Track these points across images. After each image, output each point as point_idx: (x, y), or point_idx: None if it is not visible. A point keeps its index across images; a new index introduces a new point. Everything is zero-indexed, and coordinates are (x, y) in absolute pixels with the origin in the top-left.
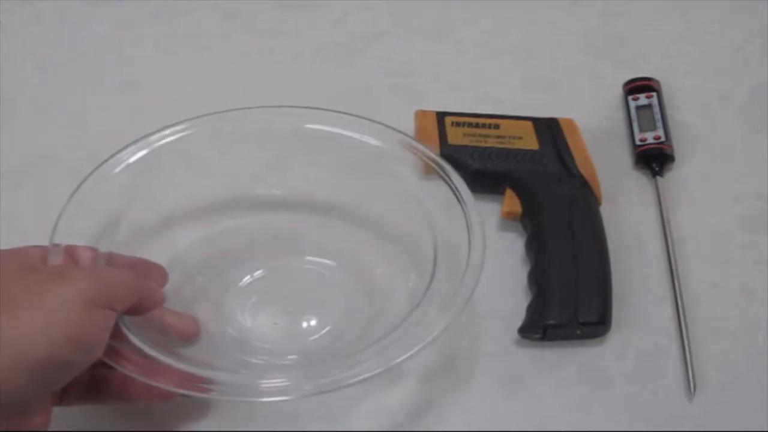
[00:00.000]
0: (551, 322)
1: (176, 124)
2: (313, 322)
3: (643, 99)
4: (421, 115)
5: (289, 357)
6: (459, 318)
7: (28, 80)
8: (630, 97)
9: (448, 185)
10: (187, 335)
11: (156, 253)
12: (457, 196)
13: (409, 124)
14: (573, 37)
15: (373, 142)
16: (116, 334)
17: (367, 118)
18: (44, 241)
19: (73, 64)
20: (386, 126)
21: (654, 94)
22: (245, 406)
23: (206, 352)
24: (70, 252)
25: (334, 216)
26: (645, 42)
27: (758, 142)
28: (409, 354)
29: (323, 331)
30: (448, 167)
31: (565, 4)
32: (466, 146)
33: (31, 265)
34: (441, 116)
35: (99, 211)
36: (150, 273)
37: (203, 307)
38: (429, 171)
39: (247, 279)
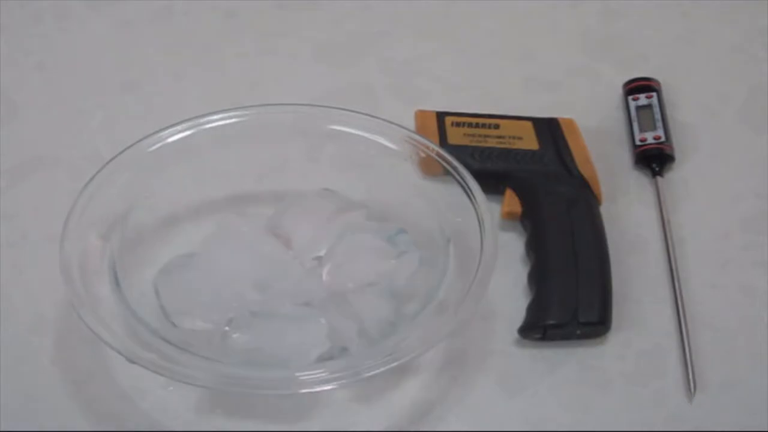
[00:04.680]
0: (551, 322)
1: (182, 122)
2: (321, 320)
3: (643, 99)
4: (421, 115)
5: None
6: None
7: (28, 80)
8: (630, 97)
9: (460, 184)
10: None
11: (162, 250)
12: (469, 196)
13: (409, 124)
14: (573, 37)
15: (383, 140)
16: None
17: (377, 117)
18: (45, 241)
19: (73, 64)
20: (397, 124)
21: (654, 94)
22: (243, 405)
23: (213, 351)
24: None
25: None
26: (645, 42)
27: (758, 142)
28: (435, 343)
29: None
30: (460, 166)
31: (565, 4)
32: (466, 146)
33: None
34: (441, 116)
35: (107, 208)
36: None
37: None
38: (439, 170)
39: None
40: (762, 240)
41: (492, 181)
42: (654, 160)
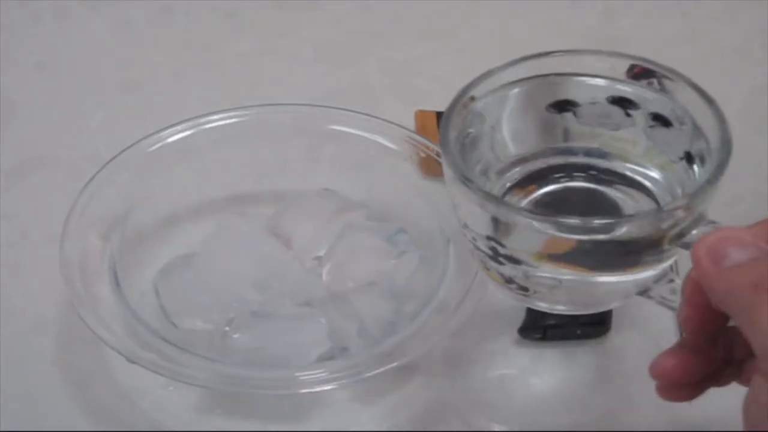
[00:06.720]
0: (551, 322)
1: (182, 122)
2: (321, 320)
3: None
4: (421, 115)
5: None
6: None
7: (28, 80)
8: None
9: None
10: None
11: (162, 250)
12: None
13: (409, 124)
14: (573, 37)
15: (383, 140)
16: None
17: (377, 117)
18: (45, 241)
19: (73, 64)
20: (397, 124)
21: None
22: (244, 405)
23: (213, 351)
24: None
25: None
26: (645, 42)
27: (758, 143)
28: (435, 343)
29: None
30: None
31: (565, 4)
32: None
33: None
34: (441, 116)
35: (107, 208)
36: None
37: None
38: (439, 170)
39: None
40: None
41: None
42: None
